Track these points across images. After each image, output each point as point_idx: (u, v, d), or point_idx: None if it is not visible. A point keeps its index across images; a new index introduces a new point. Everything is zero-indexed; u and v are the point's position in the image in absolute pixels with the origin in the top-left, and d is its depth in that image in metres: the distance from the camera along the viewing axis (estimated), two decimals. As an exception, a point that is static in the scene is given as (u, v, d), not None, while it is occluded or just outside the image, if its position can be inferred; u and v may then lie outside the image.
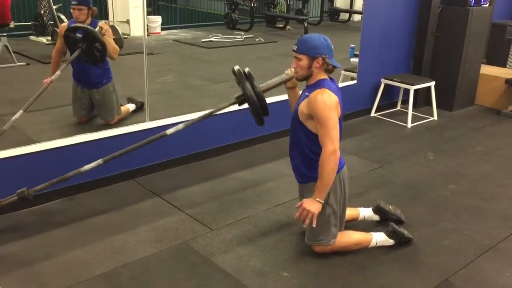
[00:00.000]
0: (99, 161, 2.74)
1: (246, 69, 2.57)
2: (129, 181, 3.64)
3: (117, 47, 3.86)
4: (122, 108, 4.16)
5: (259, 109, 2.54)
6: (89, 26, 3.65)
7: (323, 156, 2.50)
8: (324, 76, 2.62)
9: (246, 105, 2.64)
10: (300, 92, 2.77)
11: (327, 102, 2.49)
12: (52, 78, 3.42)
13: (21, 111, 3.16)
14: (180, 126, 2.70)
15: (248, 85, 2.51)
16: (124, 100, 4.31)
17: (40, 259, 2.71)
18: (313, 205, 2.53)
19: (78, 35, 3.61)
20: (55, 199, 3.31)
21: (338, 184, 2.68)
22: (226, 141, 4.20)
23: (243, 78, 2.53)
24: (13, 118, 3.15)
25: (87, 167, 2.74)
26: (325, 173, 2.50)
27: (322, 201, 2.55)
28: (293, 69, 2.65)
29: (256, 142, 4.40)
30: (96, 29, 3.64)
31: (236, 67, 2.56)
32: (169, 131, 2.70)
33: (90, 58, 3.67)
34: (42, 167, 3.17)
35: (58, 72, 3.46)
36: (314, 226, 2.56)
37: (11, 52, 4.95)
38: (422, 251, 2.90)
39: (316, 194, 2.54)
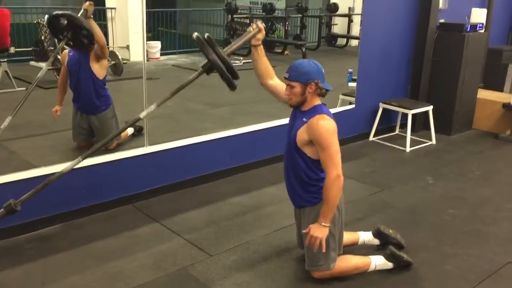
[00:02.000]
0: (79, 158, 2.69)
1: (206, 35, 2.50)
2: (127, 206, 3.62)
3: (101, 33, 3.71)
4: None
5: (226, 72, 2.45)
6: (72, 13, 3.40)
7: (328, 181, 2.51)
8: (318, 101, 2.63)
9: (242, 130, 2.63)
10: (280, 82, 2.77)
11: (329, 128, 2.51)
12: (40, 73, 3.27)
13: (9, 117, 3.15)
14: (152, 106, 2.67)
15: (210, 50, 2.44)
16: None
17: (38, 285, 2.68)
18: (319, 231, 2.55)
19: (62, 21, 3.37)
20: (54, 224, 3.29)
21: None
22: (224, 166, 4.20)
23: (204, 45, 2.45)
24: (2, 126, 3.14)
25: (68, 167, 2.68)
26: (330, 198, 2.52)
27: (328, 225, 2.56)
28: (254, 26, 2.68)
29: (255, 166, 4.40)
30: (80, 13, 3.45)
31: (195, 34, 2.48)
32: (142, 114, 2.66)
33: (78, 46, 3.60)
34: (41, 192, 3.15)
35: (49, 60, 3.36)
36: (323, 250, 2.58)
37: (11, 77, 4.99)
38: (423, 276, 2.87)
39: (321, 219, 2.55)
